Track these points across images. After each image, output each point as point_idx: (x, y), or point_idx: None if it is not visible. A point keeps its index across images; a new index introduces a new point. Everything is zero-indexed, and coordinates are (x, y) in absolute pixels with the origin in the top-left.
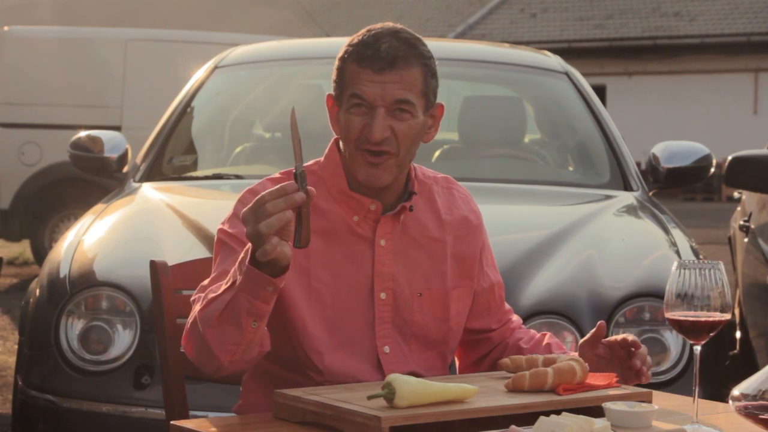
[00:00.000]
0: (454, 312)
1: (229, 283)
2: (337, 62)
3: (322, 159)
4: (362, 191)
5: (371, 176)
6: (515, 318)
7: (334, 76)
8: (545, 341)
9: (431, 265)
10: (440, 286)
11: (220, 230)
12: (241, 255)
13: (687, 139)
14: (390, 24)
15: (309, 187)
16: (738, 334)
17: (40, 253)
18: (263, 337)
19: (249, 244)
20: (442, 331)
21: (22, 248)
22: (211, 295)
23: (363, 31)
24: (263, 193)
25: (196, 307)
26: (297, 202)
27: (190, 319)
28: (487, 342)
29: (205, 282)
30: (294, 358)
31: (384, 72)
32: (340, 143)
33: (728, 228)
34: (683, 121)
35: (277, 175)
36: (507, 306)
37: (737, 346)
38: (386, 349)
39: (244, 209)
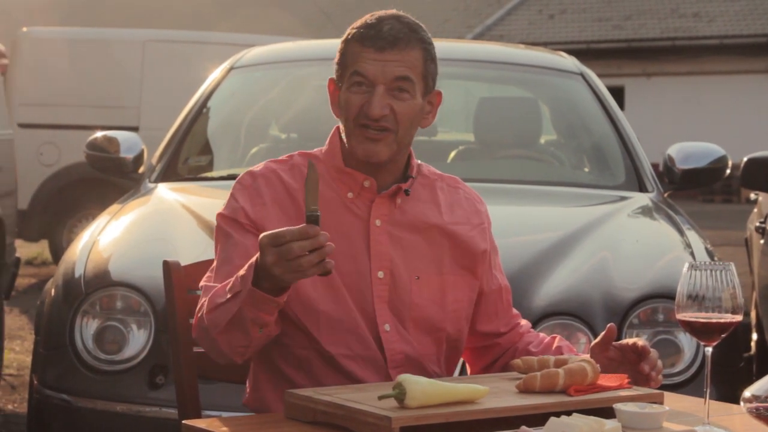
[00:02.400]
0: (452, 299)
1: (233, 293)
2: (340, 45)
3: (325, 147)
4: (358, 168)
5: (370, 151)
6: (524, 323)
7: (336, 59)
8: (555, 344)
9: (428, 250)
10: (437, 272)
11: (219, 215)
12: (244, 269)
13: (706, 140)
14: (393, 10)
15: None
16: (754, 336)
17: (59, 253)
18: (272, 326)
19: (253, 258)
20: (439, 316)
21: (41, 248)
22: (218, 300)
23: (367, 16)
24: (287, 232)
25: (204, 305)
26: (322, 242)
27: (197, 314)
28: (496, 347)
29: (210, 273)
30: (295, 333)
31: (385, 51)
32: (341, 129)
33: (746, 230)
34: (702, 123)
35: (284, 157)
36: (515, 311)
37: (753, 348)
38: (386, 327)
39: (268, 252)
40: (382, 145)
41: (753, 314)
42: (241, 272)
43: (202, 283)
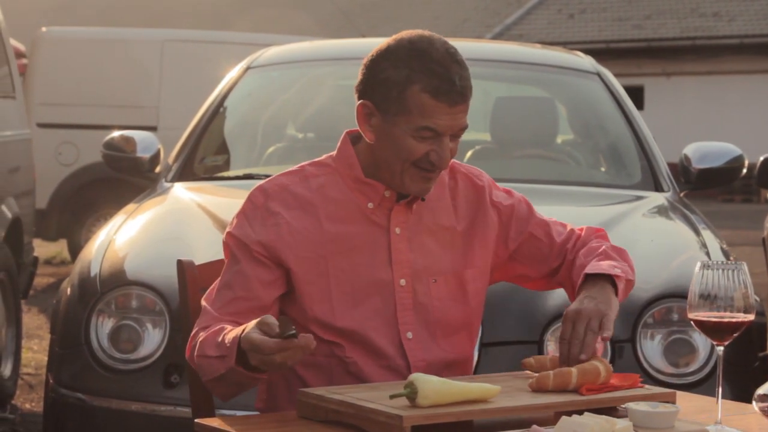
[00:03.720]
0: (473, 292)
1: (220, 354)
2: (390, 78)
3: (334, 153)
4: (378, 178)
5: (425, 189)
6: (573, 238)
7: (381, 88)
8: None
9: (444, 251)
10: (453, 270)
11: (229, 235)
12: (229, 340)
13: (726, 140)
14: (428, 33)
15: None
16: None
17: (77, 253)
18: None
19: (239, 330)
20: (463, 313)
21: (60, 248)
22: (207, 351)
23: (407, 46)
24: (265, 346)
25: (197, 338)
26: (302, 344)
27: (191, 341)
28: (557, 276)
29: (213, 288)
30: (318, 343)
31: (457, 105)
32: (369, 139)
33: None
34: (722, 122)
35: (294, 168)
36: (563, 233)
37: None
38: (409, 335)
39: (251, 357)
40: (434, 182)
41: None
42: (227, 341)
43: (203, 303)
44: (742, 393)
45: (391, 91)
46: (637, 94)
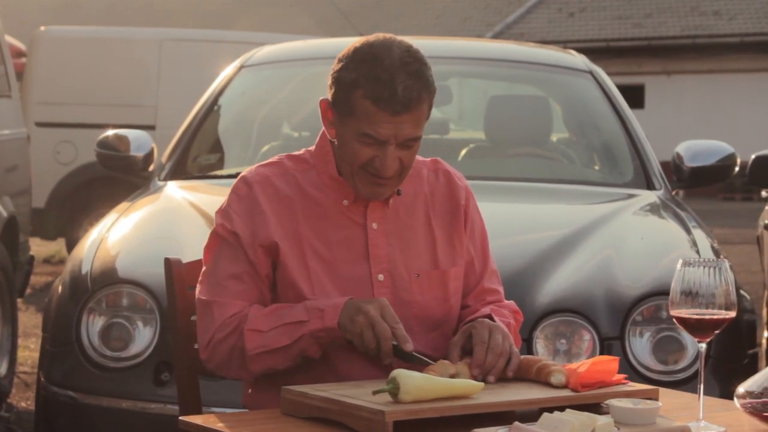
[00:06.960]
0: (453, 290)
1: (294, 320)
2: (341, 78)
3: (313, 148)
4: None
5: (375, 193)
6: (497, 297)
7: (334, 87)
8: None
9: (425, 246)
10: (435, 266)
11: (219, 225)
12: (322, 305)
13: (726, 138)
14: (392, 39)
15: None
16: (766, 334)
17: None
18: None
19: (341, 304)
20: (443, 310)
21: (58, 247)
22: (269, 323)
23: (365, 49)
24: (375, 320)
25: (228, 326)
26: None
27: (211, 334)
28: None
29: (214, 286)
30: None
31: (400, 114)
32: (331, 136)
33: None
34: (722, 121)
35: (274, 159)
36: (494, 284)
37: (764, 345)
38: None
39: (349, 316)
40: (387, 188)
41: (764, 312)
42: (315, 305)
43: (204, 297)
44: (731, 390)
45: (340, 92)
46: (637, 93)
